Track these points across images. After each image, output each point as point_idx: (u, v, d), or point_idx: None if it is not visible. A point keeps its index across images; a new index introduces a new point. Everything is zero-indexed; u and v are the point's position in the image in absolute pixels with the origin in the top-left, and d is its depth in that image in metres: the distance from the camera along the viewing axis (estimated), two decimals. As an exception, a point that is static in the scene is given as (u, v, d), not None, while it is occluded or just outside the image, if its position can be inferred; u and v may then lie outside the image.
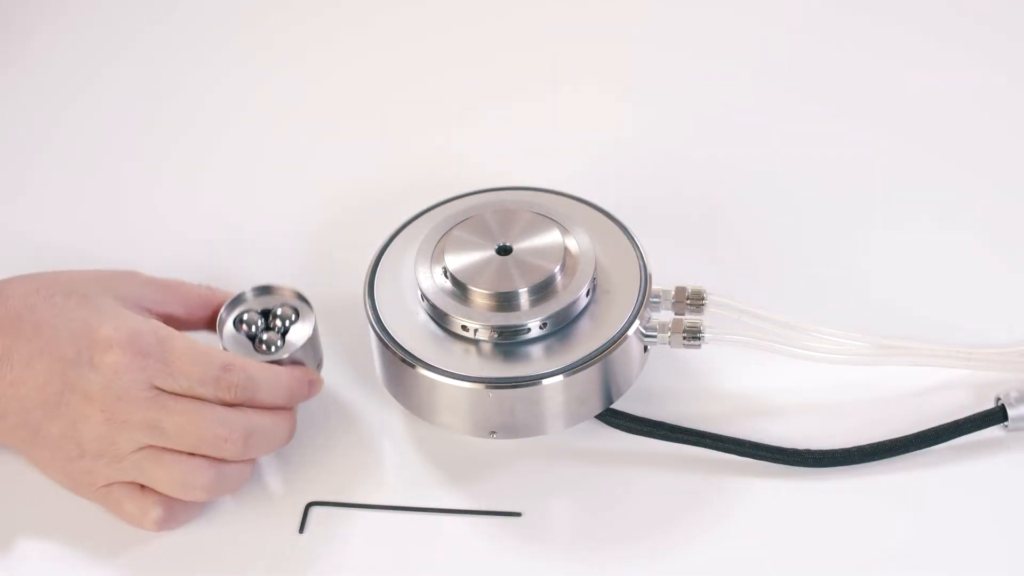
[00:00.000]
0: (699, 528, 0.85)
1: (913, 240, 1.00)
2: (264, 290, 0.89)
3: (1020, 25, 1.14)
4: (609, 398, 0.87)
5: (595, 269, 0.87)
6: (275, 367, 0.85)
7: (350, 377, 0.92)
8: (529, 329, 0.85)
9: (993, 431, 0.87)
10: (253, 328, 0.88)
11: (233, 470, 0.83)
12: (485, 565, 0.84)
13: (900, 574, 0.82)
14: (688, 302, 0.89)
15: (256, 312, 0.88)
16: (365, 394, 0.92)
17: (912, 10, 1.16)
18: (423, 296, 0.87)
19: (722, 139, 1.08)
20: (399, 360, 0.86)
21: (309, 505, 0.86)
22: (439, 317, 0.86)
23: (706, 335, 0.87)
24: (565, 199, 0.93)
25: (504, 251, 0.87)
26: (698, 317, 0.88)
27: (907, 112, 1.09)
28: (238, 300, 0.88)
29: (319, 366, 0.89)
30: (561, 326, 0.86)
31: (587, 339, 0.85)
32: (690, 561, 0.83)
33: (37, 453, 0.83)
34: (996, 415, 0.86)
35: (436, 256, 0.88)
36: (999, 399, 0.87)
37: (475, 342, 0.86)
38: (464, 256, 0.87)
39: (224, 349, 0.86)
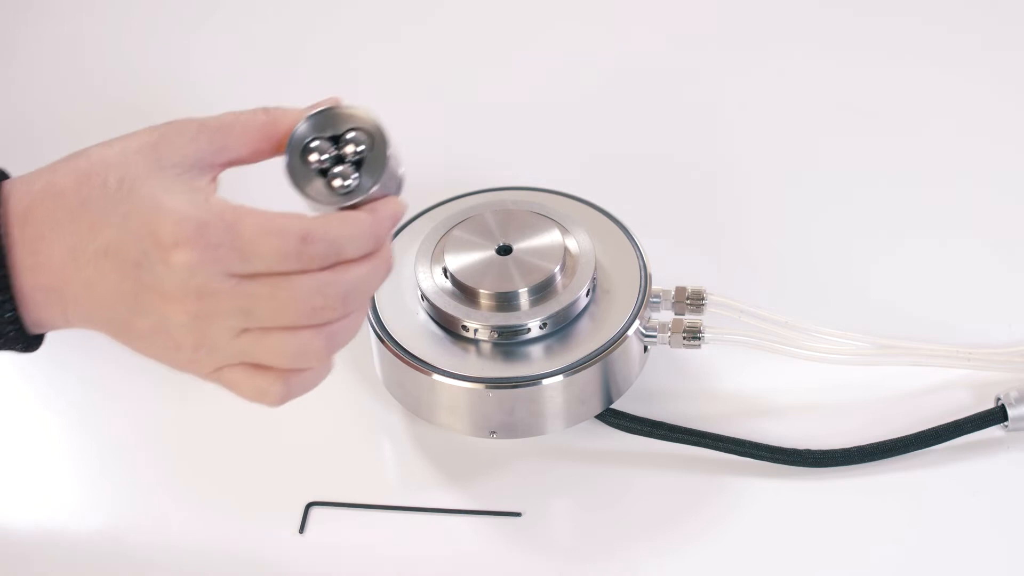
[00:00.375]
0: (699, 528, 0.85)
1: (913, 240, 1.00)
2: (329, 114, 0.77)
3: (1020, 28, 1.14)
4: (609, 398, 0.87)
5: (595, 269, 0.87)
6: (353, 216, 0.76)
7: (350, 377, 0.92)
8: (529, 329, 0.85)
9: (993, 431, 0.87)
10: (324, 157, 0.76)
11: (341, 327, 0.77)
12: (485, 565, 0.84)
13: (900, 574, 0.82)
14: (688, 302, 0.89)
15: (326, 141, 0.76)
16: (365, 394, 0.92)
17: (915, 14, 1.16)
18: (423, 296, 0.87)
19: (722, 139, 1.08)
20: (399, 360, 0.86)
21: (309, 505, 0.86)
22: (439, 317, 0.86)
23: (706, 335, 0.87)
24: (565, 199, 0.93)
25: (504, 251, 0.87)
26: (698, 317, 0.88)
27: (907, 112, 1.09)
28: (311, 121, 0.77)
29: (399, 186, 0.79)
30: (561, 326, 0.86)
31: (587, 339, 0.85)
32: (690, 561, 0.83)
33: (135, 344, 0.76)
34: (996, 415, 0.86)
35: (436, 256, 0.88)
36: (999, 399, 0.87)
37: (475, 342, 0.86)
38: (464, 256, 0.87)
39: (298, 190, 0.77)
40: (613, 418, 0.88)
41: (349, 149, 0.75)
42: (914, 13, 1.16)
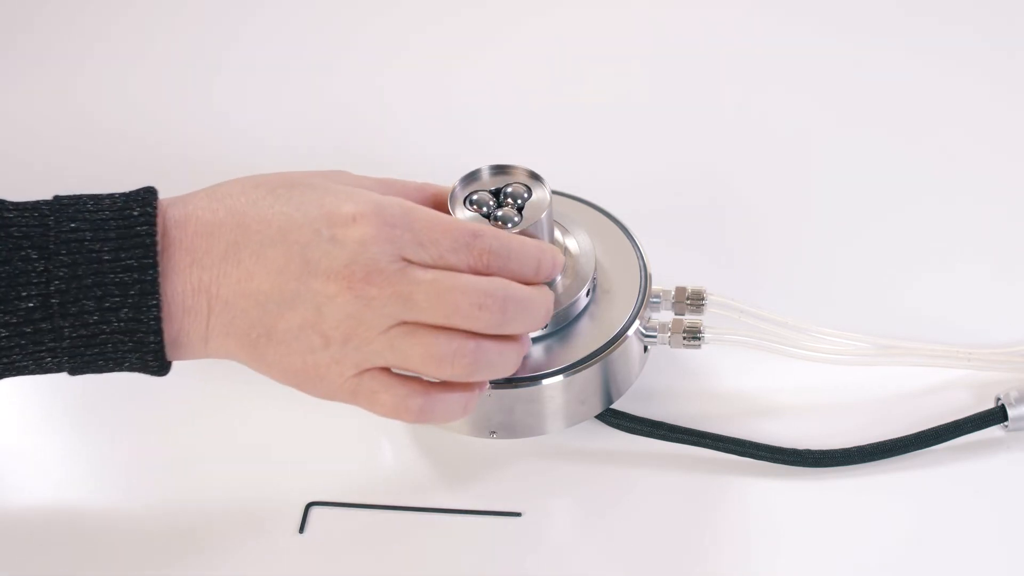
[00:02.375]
0: (699, 528, 0.85)
1: (913, 240, 1.00)
2: (498, 169, 0.85)
3: (1020, 30, 1.14)
4: (609, 398, 0.87)
5: (595, 269, 0.87)
6: (522, 237, 0.79)
7: (350, 377, 0.92)
8: (529, 329, 0.85)
9: (993, 431, 0.87)
10: (484, 208, 0.84)
11: (493, 349, 0.78)
12: (485, 565, 0.84)
13: (900, 574, 0.82)
14: (688, 302, 0.89)
15: (488, 192, 0.85)
16: (365, 394, 0.91)
17: (915, 15, 1.16)
18: (423, 296, 0.87)
19: (723, 139, 1.08)
20: (399, 360, 0.86)
21: (309, 505, 0.86)
22: (439, 317, 0.86)
23: (706, 335, 0.87)
24: (565, 199, 0.93)
25: (504, 251, 0.87)
26: (698, 317, 0.88)
27: (908, 113, 1.09)
28: (472, 177, 0.85)
29: (551, 242, 0.85)
30: (561, 326, 0.86)
31: (587, 339, 0.85)
32: (690, 561, 0.83)
33: (271, 354, 0.76)
34: (996, 415, 0.86)
35: (436, 256, 0.88)
36: (999, 399, 0.87)
37: (475, 342, 0.86)
38: (464, 256, 0.87)
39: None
40: (613, 418, 0.88)
41: (510, 200, 0.84)
42: (917, 16, 1.16)
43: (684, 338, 0.87)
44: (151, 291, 0.74)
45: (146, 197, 0.76)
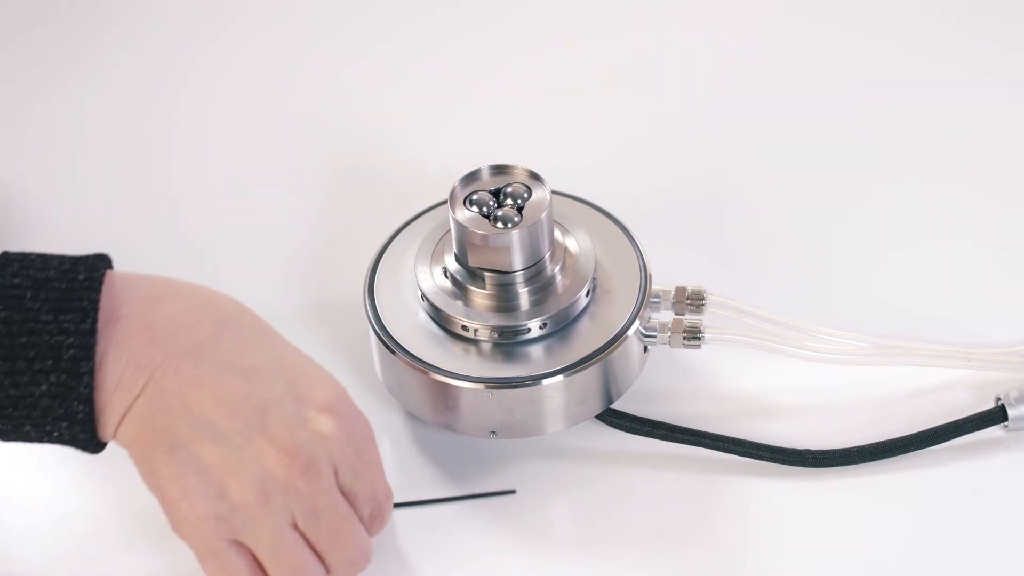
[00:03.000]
0: (699, 528, 0.85)
1: (913, 240, 1.00)
2: (498, 169, 0.86)
3: (1019, 33, 1.14)
4: (609, 398, 0.87)
5: (595, 269, 0.87)
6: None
7: (350, 377, 0.92)
8: (529, 329, 0.85)
9: (993, 431, 0.87)
10: (484, 208, 0.84)
11: None
12: (485, 565, 0.84)
13: (900, 574, 0.82)
14: (688, 302, 0.89)
15: (488, 192, 0.85)
16: (365, 394, 0.92)
17: (915, 17, 1.16)
18: (423, 296, 0.87)
19: (723, 139, 1.08)
20: (399, 360, 0.86)
21: None
22: (439, 317, 0.86)
23: (706, 335, 0.87)
24: (565, 199, 0.93)
25: (504, 251, 0.87)
26: (698, 317, 0.88)
27: (908, 113, 1.09)
28: (472, 177, 0.86)
29: (551, 242, 0.86)
30: (561, 326, 0.86)
31: (587, 339, 0.85)
32: (690, 561, 0.83)
33: (164, 469, 0.73)
34: (996, 415, 0.86)
35: (436, 256, 0.88)
36: (999, 399, 0.87)
37: (475, 342, 0.86)
38: (464, 256, 0.87)
39: (459, 224, 0.83)
40: (613, 418, 0.88)
41: (509, 201, 0.85)
42: (917, 17, 1.16)
43: (684, 338, 0.87)
44: (85, 356, 0.71)
45: (95, 263, 0.73)
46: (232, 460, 0.72)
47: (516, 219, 0.84)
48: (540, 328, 0.85)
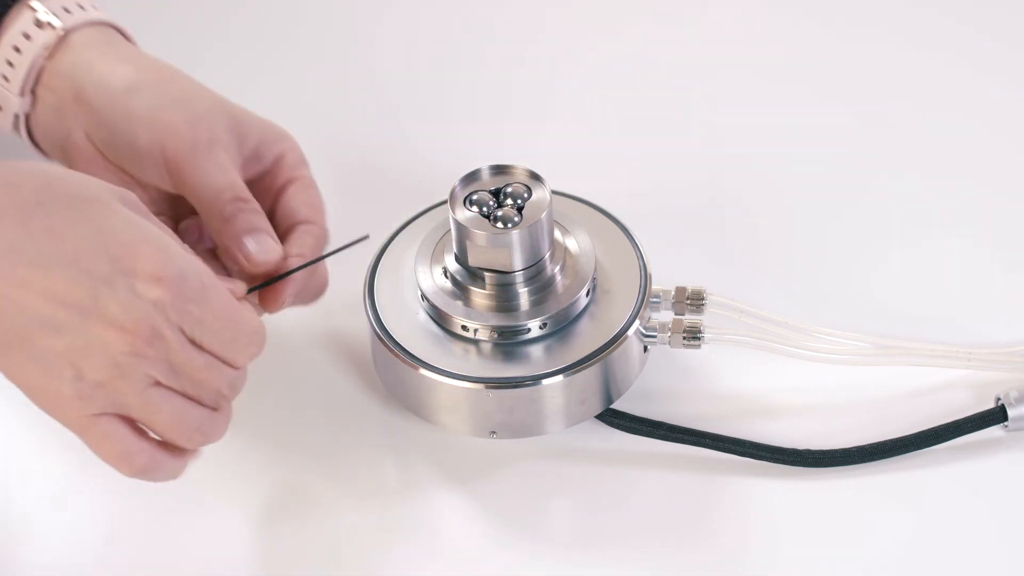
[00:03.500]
0: (699, 528, 0.85)
1: (913, 240, 1.00)
2: (498, 169, 0.86)
3: (1019, 33, 1.14)
4: (609, 398, 0.87)
5: (595, 269, 0.87)
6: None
7: (350, 377, 0.92)
8: (529, 329, 0.85)
9: (993, 431, 0.87)
10: (484, 208, 0.85)
11: (221, 418, 0.79)
12: (484, 565, 0.84)
13: (900, 574, 0.82)
14: (688, 302, 0.89)
15: (488, 192, 0.85)
16: (365, 394, 0.92)
17: (915, 17, 1.16)
18: (423, 296, 0.87)
19: (723, 139, 1.08)
20: (399, 360, 0.86)
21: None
22: (439, 317, 0.86)
23: (706, 335, 0.87)
24: (565, 199, 0.93)
25: (504, 251, 0.88)
26: (698, 317, 0.88)
27: (908, 113, 1.09)
28: (472, 177, 0.86)
29: (551, 242, 0.86)
30: (561, 326, 0.86)
31: (587, 339, 0.85)
32: (690, 561, 0.83)
33: (11, 363, 0.74)
34: (996, 415, 0.86)
35: (436, 256, 0.88)
36: (999, 399, 0.87)
37: (475, 342, 0.86)
38: (464, 256, 0.87)
39: (459, 224, 0.84)
40: (613, 418, 0.88)
41: (509, 200, 0.85)
42: (917, 17, 1.16)
43: (684, 338, 0.87)
44: None
45: None
46: (78, 346, 0.73)
47: (516, 219, 0.84)
48: (540, 328, 0.85)
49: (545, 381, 0.84)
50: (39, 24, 0.86)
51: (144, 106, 0.85)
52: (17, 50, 0.86)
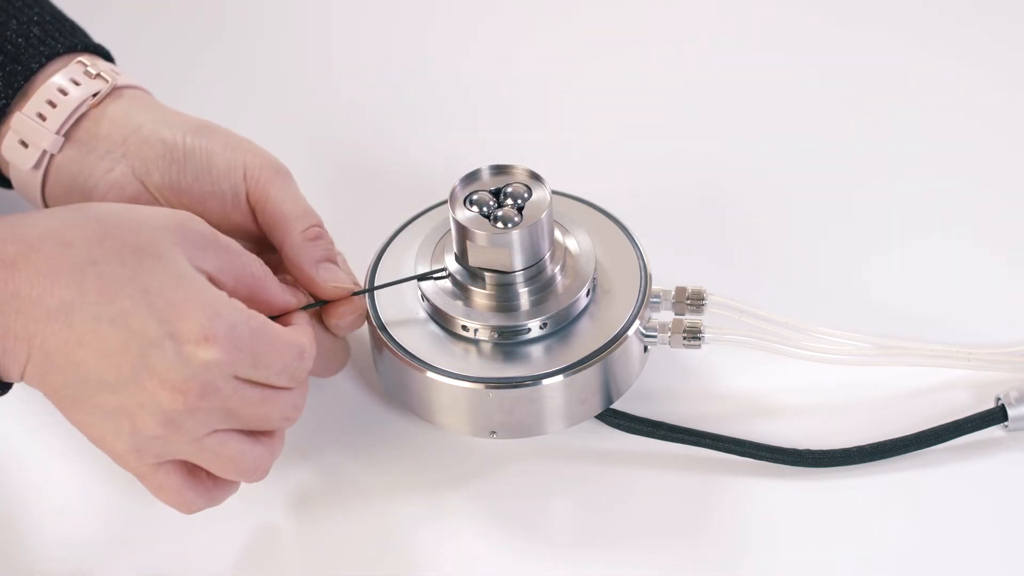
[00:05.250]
0: (699, 528, 0.85)
1: (913, 240, 1.00)
2: (498, 169, 0.86)
3: (1019, 32, 1.14)
4: (609, 398, 0.87)
5: (595, 269, 0.87)
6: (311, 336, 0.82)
7: (350, 377, 0.92)
8: (529, 329, 0.85)
9: (993, 431, 0.87)
10: (484, 208, 0.85)
11: (278, 446, 0.82)
12: (484, 565, 0.84)
13: (900, 574, 0.82)
14: (688, 302, 0.89)
15: (488, 192, 0.85)
16: (365, 394, 0.92)
17: (914, 16, 1.16)
18: (423, 296, 0.87)
19: (723, 139, 1.08)
20: (399, 360, 0.86)
21: None
22: (439, 317, 0.86)
23: (706, 335, 0.87)
24: (565, 199, 0.93)
25: (504, 251, 0.87)
26: (698, 317, 0.88)
27: (908, 112, 1.09)
28: (472, 177, 0.86)
29: (551, 242, 0.86)
30: (561, 326, 0.86)
31: (587, 339, 0.85)
32: (690, 561, 0.83)
33: (75, 416, 0.76)
34: (996, 415, 0.86)
35: (436, 256, 0.88)
36: (999, 399, 0.87)
37: (475, 342, 0.86)
38: (464, 256, 0.87)
39: (459, 224, 0.84)
40: (613, 418, 0.88)
41: (509, 201, 0.85)
42: (916, 17, 1.16)
43: (684, 338, 0.87)
44: None
45: None
46: (131, 404, 0.75)
47: (516, 219, 0.84)
48: (540, 328, 0.85)
49: (545, 381, 0.84)
50: (89, 75, 0.88)
51: (218, 139, 0.87)
52: (63, 92, 0.87)
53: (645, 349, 0.88)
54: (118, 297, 0.74)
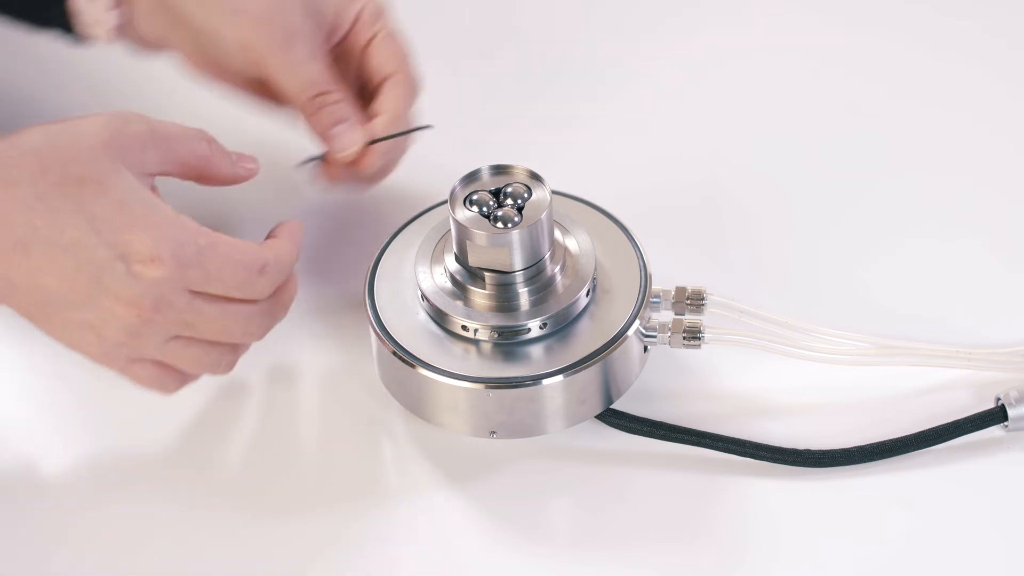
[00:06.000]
0: (699, 528, 0.85)
1: (913, 240, 1.00)
2: (498, 169, 0.87)
3: (1019, 32, 1.14)
4: (609, 398, 0.87)
5: (595, 269, 0.87)
6: (290, 246, 0.85)
7: (350, 377, 0.92)
8: (529, 329, 0.85)
9: (993, 431, 0.87)
10: (484, 208, 0.85)
11: (243, 350, 0.86)
12: (484, 565, 0.84)
13: (900, 574, 0.82)
14: (688, 302, 0.89)
15: (488, 192, 0.86)
16: (365, 394, 0.92)
17: (914, 16, 1.16)
18: (423, 296, 0.87)
19: (723, 139, 1.08)
20: (399, 360, 0.86)
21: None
22: (439, 317, 0.86)
23: (706, 335, 0.87)
24: (565, 199, 0.93)
25: (504, 251, 0.88)
26: (698, 317, 0.88)
27: (908, 112, 1.09)
28: (472, 177, 0.86)
29: (551, 242, 0.87)
30: (561, 326, 0.86)
31: (587, 339, 0.85)
32: (690, 561, 0.83)
33: (47, 329, 0.82)
34: (996, 415, 0.86)
35: (436, 256, 0.88)
36: (999, 399, 0.87)
37: (475, 342, 0.86)
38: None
39: (459, 224, 0.85)
40: (613, 418, 0.88)
41: (509, 200, 0.85)
42: (916, 16, 1.16)
43: (684, 338, 0.87)
44: None
45: None
46: (94, 319, 0.80)
47: (516, 219, 0.84)
48: (540, 328, 0.85)
49: (545, 381, 0.84)
50: None
51: (227, 7, 0.91)
52: None
53: (645, 349, 0.88)
54: (67, 228, 0.79)
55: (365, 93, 0.96)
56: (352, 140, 0.92)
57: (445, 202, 0.88)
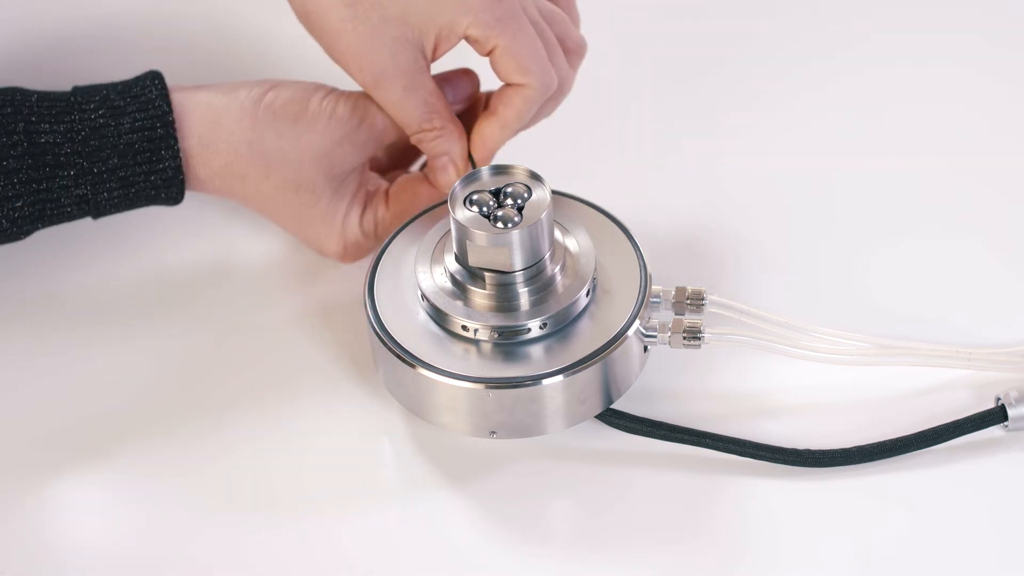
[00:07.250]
0: (699, 528, 0.85)
1: (913, 240, 1.00)
2: (498, 169, 0.87)
3: (1019, 32, 1.14)
4: (609, 398, 0.87)
5: (595, 269, 0.87)
6: None
7: (350, 377, 0.92)
8: (529, 329, 0.85)
9: (993, 431, 0.87)
10: (484, 208, 0.85)
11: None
12: (484, 565, 0.84)
13: (899, 574, 0.82)
14: (688, 302, 0.89)
15: (488, 192, 0.86)
16: (365, 394, 0.92)
17: (914, 15, 1.16)
18: (423, 296, 0.87)
19: (723, 140, 1.08)
20: (399, 360, 0.86)
21: None
22: (439, 317, 0.86)
23: (706, 335, 0.87)
24: (565, 199, 0.93)
25: (504, 251, 0.88)
26: (698, 317, 0.88)
27: (907, 112, 1.09)
28: (472, 177, 0.86)
29: (551, 242, 0.87)
30: (561, 326, 0.86)
31: (587, 339, 0.85)
32: (690, 561, 0.83)
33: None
34: (996, 415, 0.86)
35: (436, 256, 0.88)
36: (999, 399, 0.87)
37: (475, 342, 0.86)
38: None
39: (459, 224, 0.85)
40: (613, 418, 0.88)
41: (509, 201, 0.85)
42: (916, 16, 1.16)
43: (684, 338, 0.87)
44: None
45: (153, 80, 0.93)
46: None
47: (516, 219, 0.84)
48: (540, 328, 0.85)
49: (545, 381, 0.84)
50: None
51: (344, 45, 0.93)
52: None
53: (645, 349, 0.88)
54: (278, 218, 0.94)
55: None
56: (447, 181, 0.93)
57: (445, 202, 0.88)
